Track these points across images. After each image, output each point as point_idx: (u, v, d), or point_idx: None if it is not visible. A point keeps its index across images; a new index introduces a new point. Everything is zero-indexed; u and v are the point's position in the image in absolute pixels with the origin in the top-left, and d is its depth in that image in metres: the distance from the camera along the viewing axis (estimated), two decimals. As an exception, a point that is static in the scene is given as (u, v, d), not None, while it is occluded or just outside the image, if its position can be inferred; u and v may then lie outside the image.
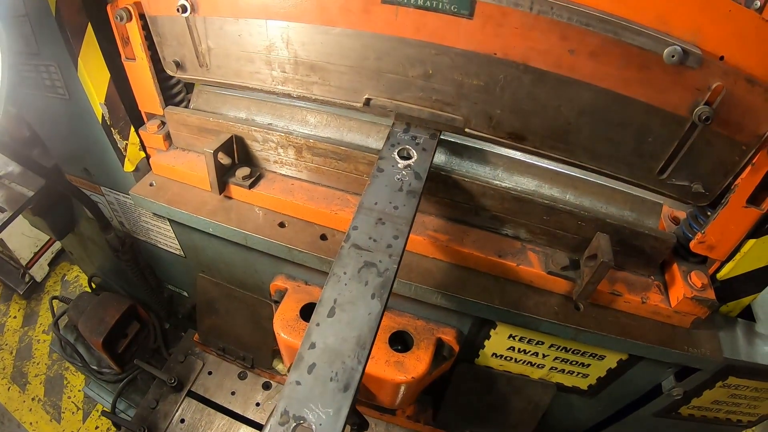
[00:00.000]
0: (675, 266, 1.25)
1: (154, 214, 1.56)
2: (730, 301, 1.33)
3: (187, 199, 1.37)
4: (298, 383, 0.74)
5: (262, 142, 1.29)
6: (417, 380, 1.23)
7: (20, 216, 3.12)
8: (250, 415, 1.73)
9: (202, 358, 1.83)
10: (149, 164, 1.51)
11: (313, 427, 0.71)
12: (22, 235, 3.14)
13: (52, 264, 3.36)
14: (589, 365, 1.44)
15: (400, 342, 1.31)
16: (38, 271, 3.28)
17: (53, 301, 2.33)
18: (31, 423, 2.85)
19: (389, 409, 1.62)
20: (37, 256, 3.25)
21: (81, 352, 2.19)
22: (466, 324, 1.35)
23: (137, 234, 1.75)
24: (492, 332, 1.35)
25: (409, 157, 1.08)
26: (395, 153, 1.08)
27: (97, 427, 2.80)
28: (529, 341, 1.36)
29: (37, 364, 3.09)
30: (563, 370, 1.46)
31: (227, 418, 1.72)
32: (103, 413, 1.74)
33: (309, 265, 1.26)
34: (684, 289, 1.20)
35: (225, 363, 1.81)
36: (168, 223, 1.57)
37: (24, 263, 3.19)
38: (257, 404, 1.74)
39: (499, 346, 1.39)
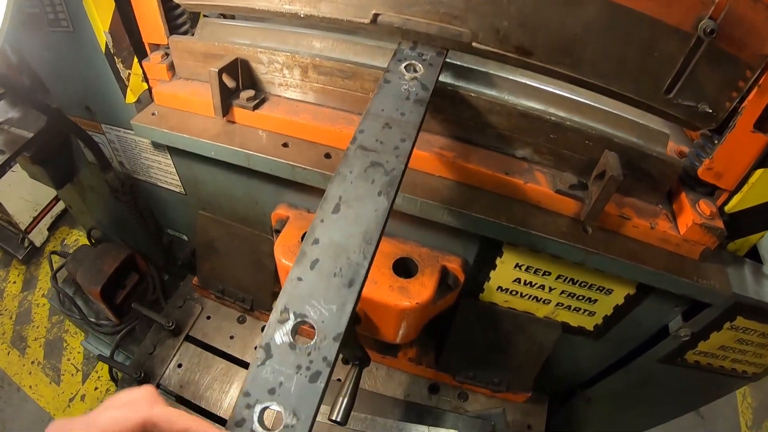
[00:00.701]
0: (683, 195, 1.24)
1: (155, 146, 1.56)
2: (737, 238, 1.33)
3: (190, 125, 1.37)
4: (299, 279, 0.73)
5: (268, 63, 1.28)
6: (422, 306, 1.23)
7: (19, 177, 3.11)
8: (248, 359, 1.72)
9: (201, 303, 1.83)
10: (151, 96, 1.51)
11: (315, 325, 0.70)
12: (20, 199, 3.15)
13: (52, 228, 3.37)
14: (596, 301, 1.44)
15: (404, 271, 1.31)
16: (37, 236, 3.28)
17: (52, 255, 2.33)
18: (30, 386, 2.86)
19: (391, 346, 1.62)
20: (36, 220, 3.25)
21: (79, 305, 2.19)
22: (471, 252, 1.34)
23: (137, 173, 1.75)
24: (498, 261, 1.34)
25: (415, 71, 1.08)
26: (402, 67, 1.08)
27: (96, 388, 2.81)
28: (536, 271, 1.36)
29: (37, 327, 3.10)
30: (569, 307, 1.46)
31: (225, 362, 1.72)
32: (99, 357, 1.73)
33: (313, 184, 1.26)
34: (693, 215, 1.19)
35: (224, 307, 1.80)
36: (169, 157, 1.57)
37: (23, 228, 3.19)
38: (256, 348, 1.74)
39: (505, 278, 1.38)
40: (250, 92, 1.30)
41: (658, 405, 1.85)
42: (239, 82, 1.32)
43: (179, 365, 1.75)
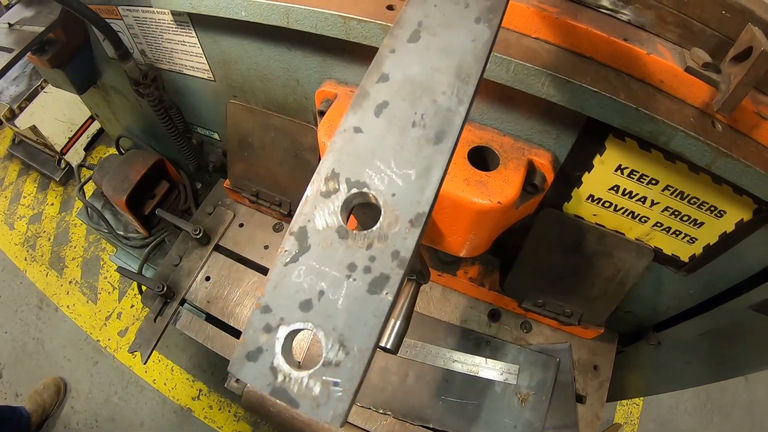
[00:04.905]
0: None
1: (177, 22, 1.23)
2: None
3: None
4: (357, 131, 0.44)
5: None
6: (504, 207, 0.90)
7: (53, 97, 2.85)
8: (284, 276, 1.45)
9: (233, 209, 1.54)
10: (172, -41, 1.16)
11: (380, 198, 0.41)
12: (55, 120, 2.90)
13: (88, 148, 3.13)
14: (702, 224, 1.08)
15: (481, 163, 0.97)
16: (74, 156, 3.06)
17: (81, 168, 2.09)
18: (68, 306, 2.72)
19: (449, 262, 1.31)
20: (72, 141, 3.01)
21: (107, 218, 1.96)
22: (564, 146, 0.99)
23: (160, 62, 1.43)
24: (596, 160, 0.99)
25: None
26: None
27: (132, 306, 2.65)
28: (641, 178, 1.00)
29: (74, 247, 2.93)
30: (668, 229, 1.11)
31: (258, 275, 1.45)
32: (119, 270, 1.49)
33: (371, 43, 0.91)
34: None
35: (259, 214, 1.51)
36: (194, 33, 1.23)
37: (59, 149, 2.96)
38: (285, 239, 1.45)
39: (601, 184, 1.03)
40: None
41: (733, 359, 1.51)
42: None
43: (207, 278, 1.49)
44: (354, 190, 0.42)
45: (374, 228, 0.41)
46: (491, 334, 1.32)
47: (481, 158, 0.98)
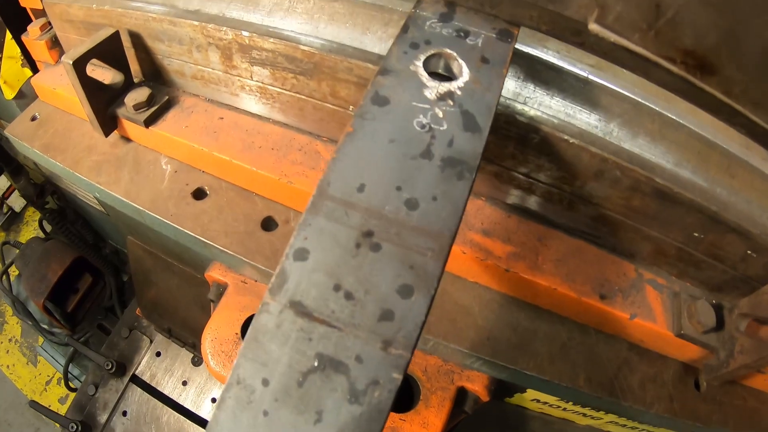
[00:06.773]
0: None
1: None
2: None
3: (71, 141, 0.79)
4: None
5: (168, 40, 0.66)
6: (419, 457, 0.70)
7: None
8: (204, 414, 1.25)
9: (150, 333, 1.33)
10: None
11: None
12: (-4, 162, 2.61)
13: (31, 195, 2.86)
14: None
15: (399, 392, 0.77)
16: (17, 201, 2.78)
17: (4, 246, 1.84)
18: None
19: None
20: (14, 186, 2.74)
21: (31, 309, 1.74)
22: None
23: (56, 179, 1.20)
24: (544, 384, 0.79)
25: (450, 76, 0.46)
26: (419, 63, 0.46)
27: (73, 373, 2.45)
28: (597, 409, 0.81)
29: (16, 301, 2.69)
30: (625, 425, 0.93)
31: (177, 414, 1.26)
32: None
33: (242, 273, 0.69)
34: None
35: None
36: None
37: (0, 194, 2.68)
38: (213, 400, 1.27)
39: (549, 397, 0.84)
40: (144, 92, 0.68)
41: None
42: (130, 73, 0.70)
43: (124, 413, 1.30)
44: None
45: None
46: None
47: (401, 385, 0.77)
